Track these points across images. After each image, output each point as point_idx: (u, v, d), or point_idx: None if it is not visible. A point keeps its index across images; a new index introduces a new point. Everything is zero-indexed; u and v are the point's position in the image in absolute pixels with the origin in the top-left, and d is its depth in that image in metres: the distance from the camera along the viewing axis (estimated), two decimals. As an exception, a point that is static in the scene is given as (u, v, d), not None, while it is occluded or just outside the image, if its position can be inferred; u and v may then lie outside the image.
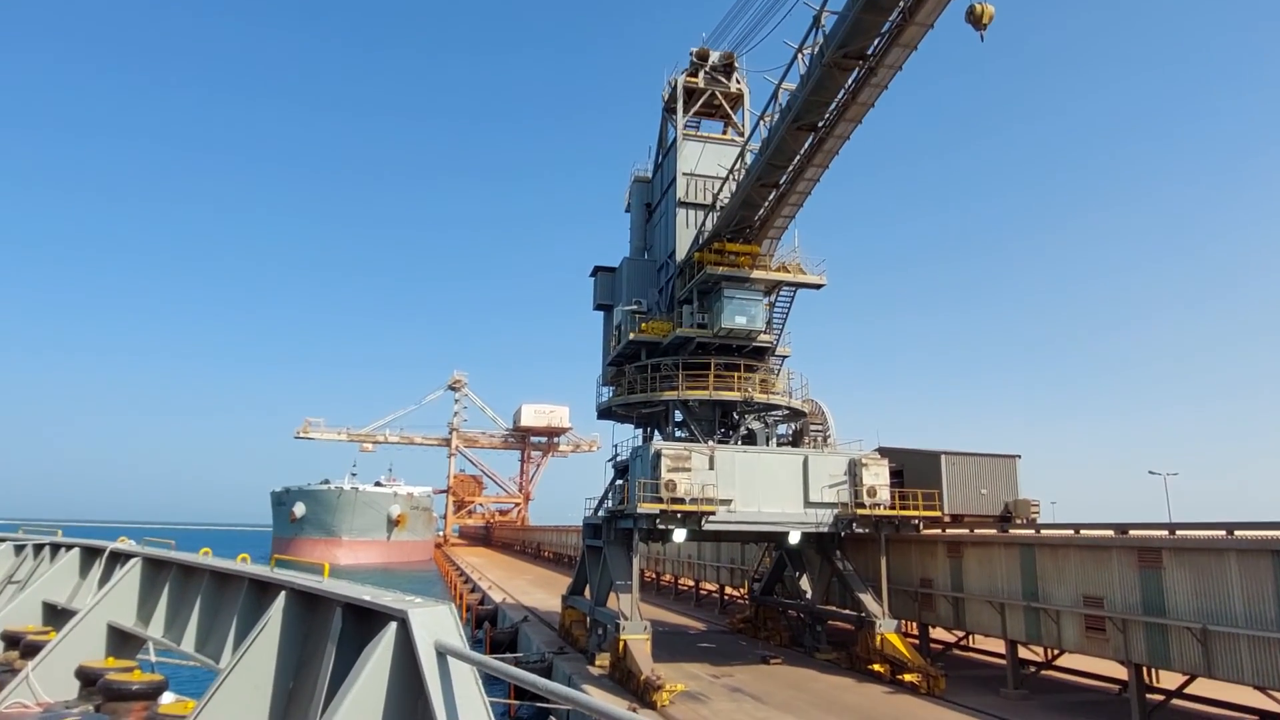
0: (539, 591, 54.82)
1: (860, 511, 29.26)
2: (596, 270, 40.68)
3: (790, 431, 36.19)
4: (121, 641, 12.20)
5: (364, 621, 8.08)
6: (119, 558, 14.16)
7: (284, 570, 10.06)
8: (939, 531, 30.58)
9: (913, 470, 33.08)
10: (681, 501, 27.68)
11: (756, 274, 32.26)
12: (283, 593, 9.01)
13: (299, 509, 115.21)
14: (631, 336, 34.18)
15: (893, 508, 29.77)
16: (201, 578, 11.42)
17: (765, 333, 33.35)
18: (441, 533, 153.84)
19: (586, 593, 35.29)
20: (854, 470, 30.12)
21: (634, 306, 35.97)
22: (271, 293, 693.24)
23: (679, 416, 34.32)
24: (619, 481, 35.24)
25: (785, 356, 35.75)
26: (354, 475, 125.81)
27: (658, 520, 27.60)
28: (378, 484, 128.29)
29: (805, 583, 34.95)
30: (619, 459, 36.51)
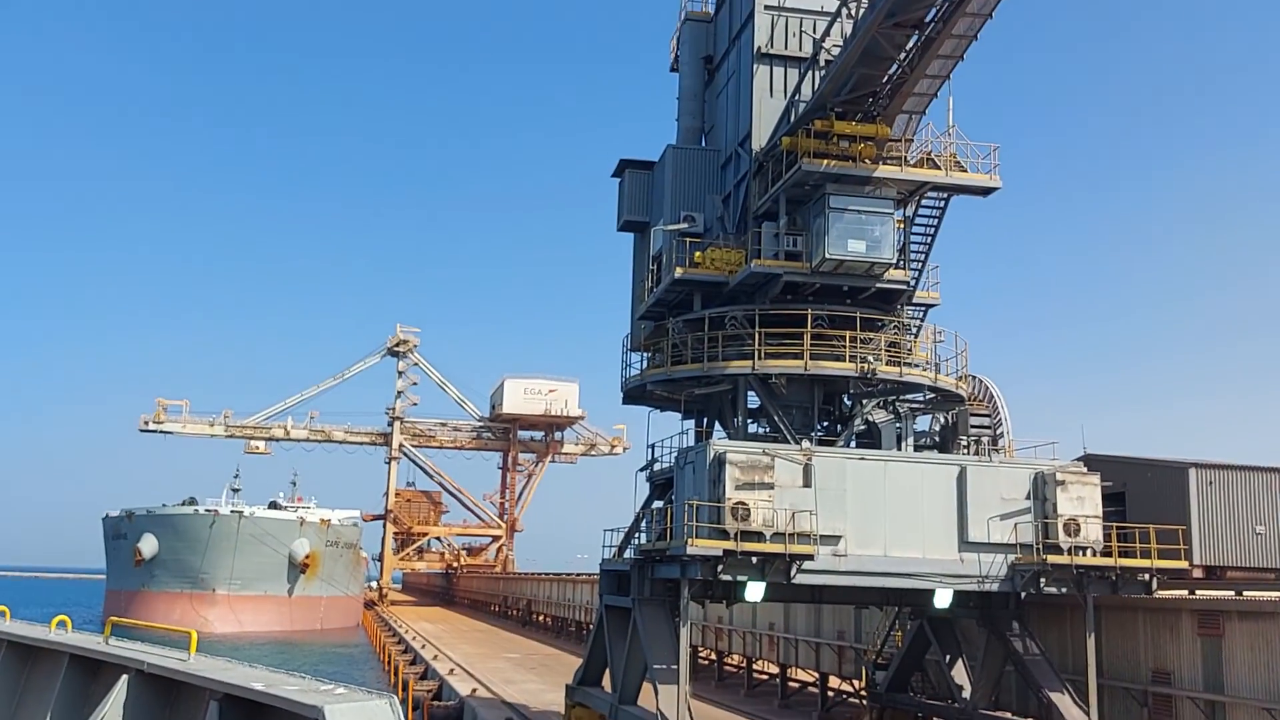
0: (529, 679, 55.55)
1: (1053, 559, 29.09)
2: (624, 167, 40.46)
3: (937, 427, 35.93)
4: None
5: (252, 725, 8.21)
6: None
7: (125, 642, 10.27)
8: (1184, 594, 30.26)
9: (1140, 493, 32.72)
10: (758, 538, 27.74)
11: (884, 171, 31.84)
12: (124, 677, 9.21)
13: (147, 545, 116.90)
14: (679, 273, 34.08)
15: (1107, 553, 29.56)
16: (-3, 652, 11.70)
17: (897, 267, 33.02)
18: (375, 583, 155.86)
19: (605, 682, 35.65)
20: (1043, 491, 29.88)
21: (683, 225, 35.80)
22: (107, 210, 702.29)
23: (754, 401, 34.26)
24: (657, 504, 35.29)
25: (930, 306, 35.33)
26: (236, 491, 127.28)
27: (720, 567, 27.69)
28: (274, 505, 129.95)
29: (961, 671, 34.92)
30: (657, 467, 36.55)
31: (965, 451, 34.07)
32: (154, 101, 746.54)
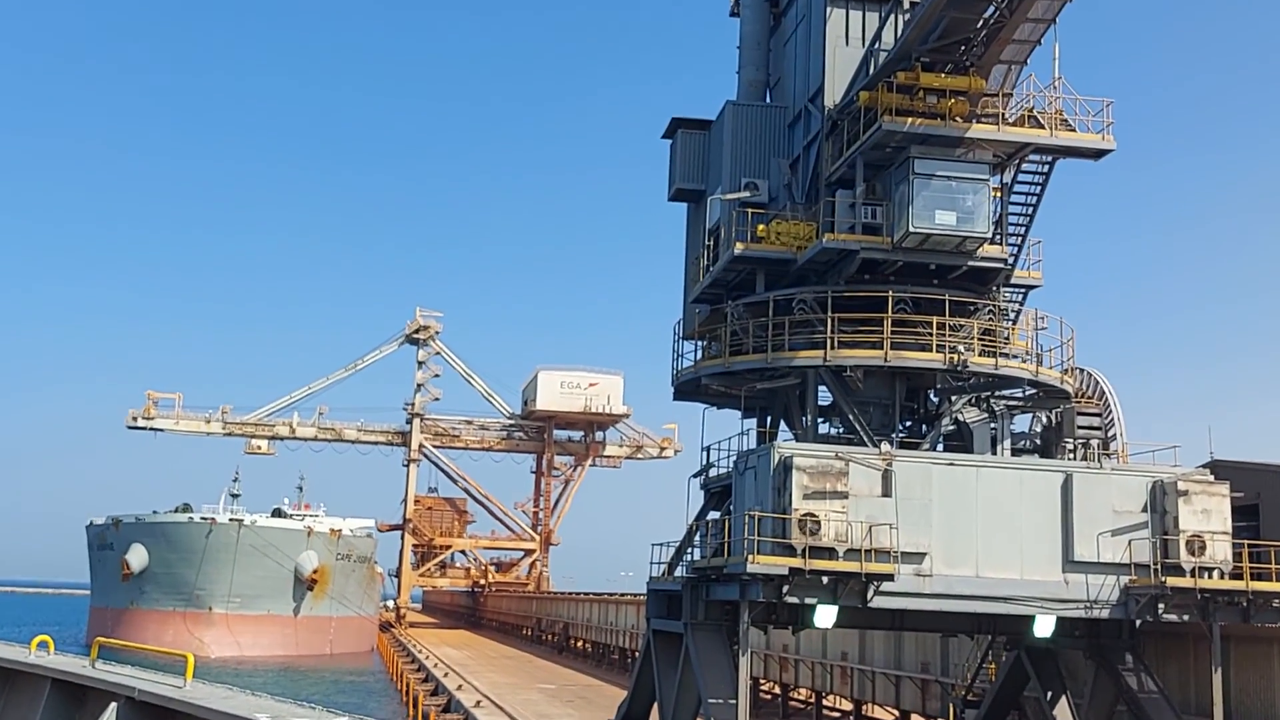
0: (566, 713, 55.78)
1: (1174, 582, 28.84)
2: (675, 126, 40.49)
3: (1038, 428, 35.69)
4: None
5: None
6: None
7: (114, 666, 10.49)
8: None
9: (1277, 505, 32.35)
10: (830, 554, 27.72)
11: (978, 130, 31.64)
12: (113, 705, 9.41)
13: (136, 557, 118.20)
14: (739, 249, 34.06)
15: (1237, 575, 29.26)
16: (-28, 676, 11.97)
17: (993, 242, 32.85)
18: (393, 602, 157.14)
19: (653, 718, 35.75)
20: (1162, 502, 29.67)
21: (744, 193, 35.77)
22: (85, 177, 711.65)
23: (826, 397, 34.19)
24: (713, 515, 35.30)
25: (1031, 287, 35.10)
26: (235, 497, 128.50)
27: (785, 588, 27.73)
28: (278, 513, 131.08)
29: (1065, 710, 34.70)
30: (713, 473, 36.57)
31: (1071, 456, 33.78)
32: (140, 56, 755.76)
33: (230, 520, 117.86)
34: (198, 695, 8.58)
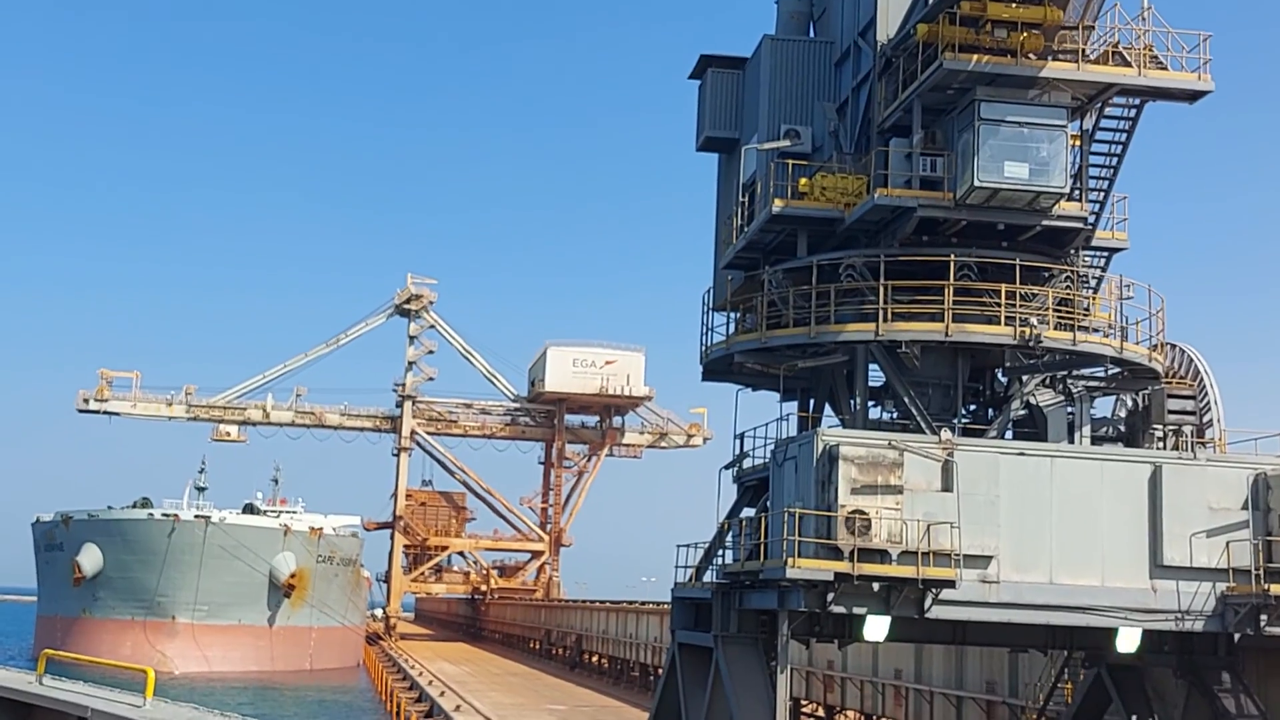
0: (580, 738, 56.06)
1: (1278, 590, 28.72)
2: (705, 65, 40.44)
3: (1122, 412, 35.60)
4: None
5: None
6: None
7: (64, 682, 10.53)
8: None
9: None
10: (882, 557, 27.74)
11: (1054, 69, 31.53)
12: (63, 728, 9.44)
13: (89, 558, 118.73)
14: (778, 207, 34.02)
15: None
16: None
17: (1070, 198, 32.75)
18: (381, 611, 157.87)
19: (679, 744, 35.83)
20: (1264, 498, 29.56)
21: (784, 142, 35.70)
22: (30, 132, 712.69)
23: (878, 377, 34.17)
24: (748, 512, 35.33)
25: (1115, 250, 34.96)
26: (201, 490, 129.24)
27: (830, 595, 27.78)
28: (251, 508, 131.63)
29: (1150, 736, 34.72)
30: (747, 464, 36.59)
31: (1160, 445, 33.71)
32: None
33: (196, 517, 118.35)
34: (159, 715, 8.58)
